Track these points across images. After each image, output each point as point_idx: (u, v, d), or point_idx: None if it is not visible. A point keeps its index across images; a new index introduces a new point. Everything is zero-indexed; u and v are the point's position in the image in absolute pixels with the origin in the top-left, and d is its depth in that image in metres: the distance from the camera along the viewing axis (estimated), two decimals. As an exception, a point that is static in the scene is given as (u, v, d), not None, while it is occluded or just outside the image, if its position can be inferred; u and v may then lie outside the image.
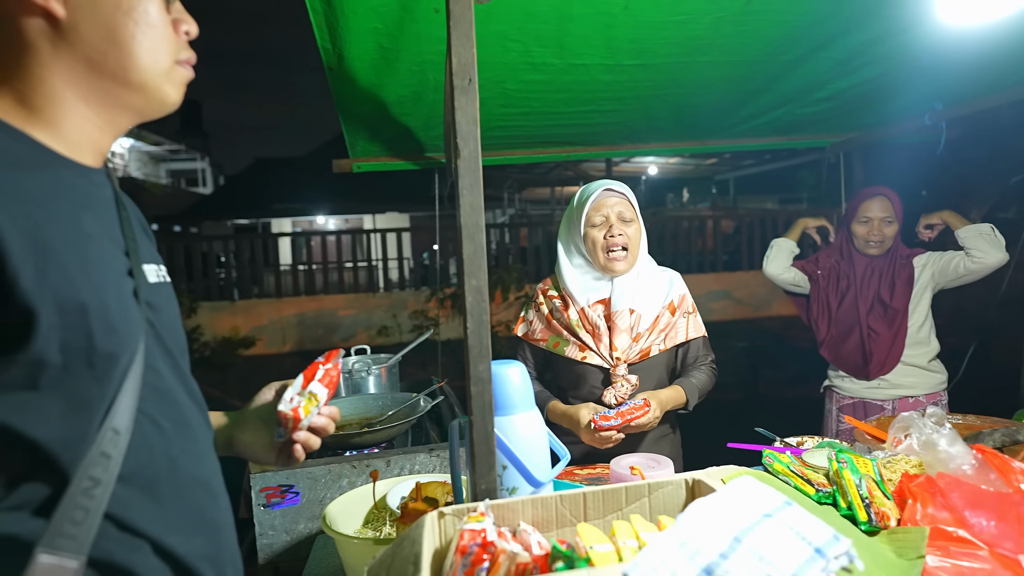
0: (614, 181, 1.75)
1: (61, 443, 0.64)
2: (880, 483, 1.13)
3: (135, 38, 0.71)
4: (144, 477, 0.70)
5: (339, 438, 1.61)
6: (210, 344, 8.19)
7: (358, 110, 2.32)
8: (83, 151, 0.73)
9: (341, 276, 9.55)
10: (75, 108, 0.71)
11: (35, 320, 0.61)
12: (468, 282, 0.87)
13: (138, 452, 0.69)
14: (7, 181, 0.62)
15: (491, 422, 0.88)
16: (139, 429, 0.70)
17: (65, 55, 0.69)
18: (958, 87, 2.56)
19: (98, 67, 0.71)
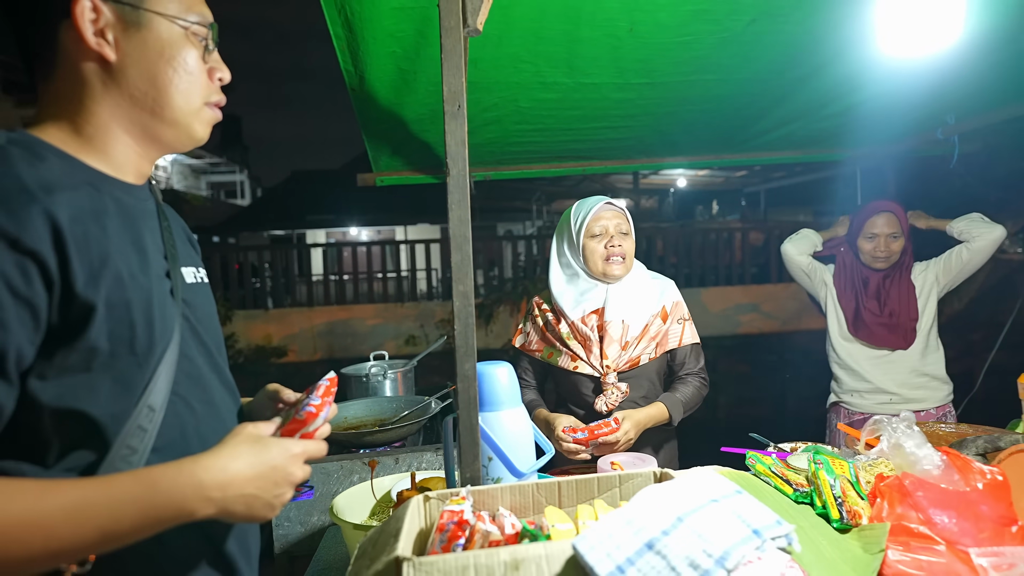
0: (611, 198, 1.83)
1: (109, 417, 0.76)
2: (856, 484, 1.18)
3: (172, 82, 0.83)
4: (176, 449, 0.81)
5: (353, 437, 1.72)
6: (244, 352, 8.45)
7: (380, 127, 2.45)
8: (127, 172, 0.85)
9: (371, 286, 9.77)
10: (119, 137, 0.83)
11: (92, 314, 0.73)
12: (456, 288, 0.96)
13: (171, 428, 0.81)
14: (70, 201, 0.74)
15: (475, 416, 0.97)
16: (173, 408, 0.82)
17: (113, 92, 0.81)
18: (969, 101, 2.57)
19: (139, 104, 0.82)
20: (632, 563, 0.68)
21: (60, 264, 0.71)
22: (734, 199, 16.20)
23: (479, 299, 9.21)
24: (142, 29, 0.81)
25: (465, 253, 0.97)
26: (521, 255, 10.72)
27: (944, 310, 7.59)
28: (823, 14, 1.85)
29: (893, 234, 2.43)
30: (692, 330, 1.79)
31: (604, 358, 1.72)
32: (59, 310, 0.72)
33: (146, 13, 0.81)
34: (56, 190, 0.73)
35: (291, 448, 0.80)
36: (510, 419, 1.04)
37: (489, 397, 1.05)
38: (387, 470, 1.64)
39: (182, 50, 0.84)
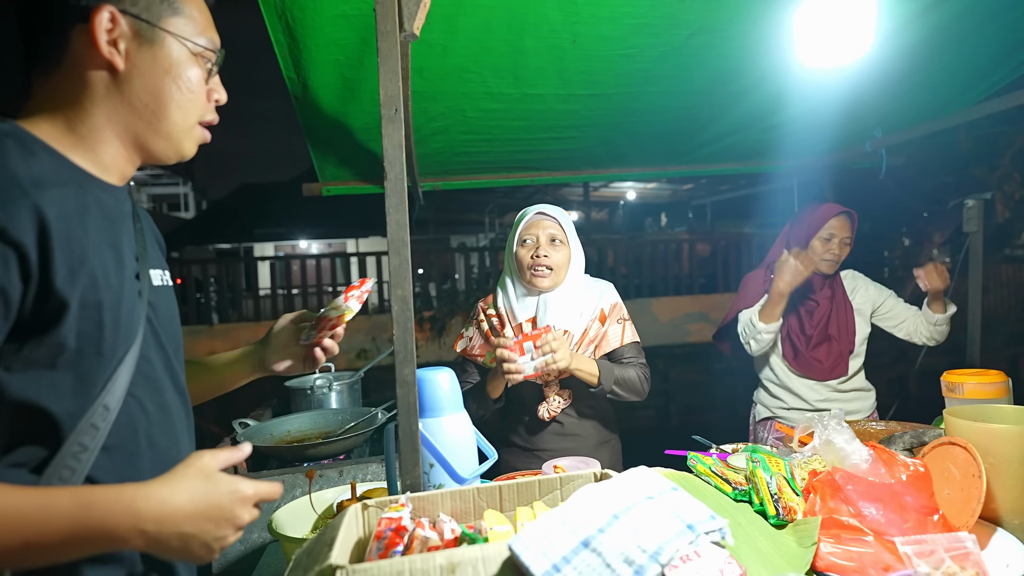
0: (550, 205, 1.82)
1: (66, 414, 0.76)
2: (791, 480, 1.21)
3: (174, 98, 0.86)
4: (126, 449, 0.82)
5: (296, 450, 1.67)
6: (187, 368, 8.13)
7: (325, 136, 2.42)
8: (111, 173, 0.87)
9: (321, 300, 9.57)
10: (110, 141, 0.86)
11: (65, 311, 0.74)
12: (394, 292, 0.95)
13: (123, 428, 0.82)
14: (57, 198, 0.76)
15: (415, 422, 0.96)
16: (127, 409, 0.82)
17: (114, 99, 0.84)
18: (894, 116, 2.72)
19: (137, 113, 0.85)
20: (568, 561, 0.68)
21: (41, 259, 0.73)
22: (682, 211, 16.62)
23: (432, 311, 9.13)
24: (154, 45, 0.84)
25: (403, 258, 0.96)
26: (474, 267, 10.71)
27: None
28: (757, 30, 1.92)
29: (846, 239, 2.35)
30: (632, 330, 1.81)
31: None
32: (34, 304, 0.73)
33: (161, 32, 0.84)
34: (46, 186, 0.75)
35: (242, 489, 0.78)
36: (452, 424, 1.03)
37: (430, 403, 1.04)
38: (331, 483, 1.60)
39: (188, 70, 0.87)
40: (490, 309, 1.86)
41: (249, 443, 0.87)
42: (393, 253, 0.96)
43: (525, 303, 1.77)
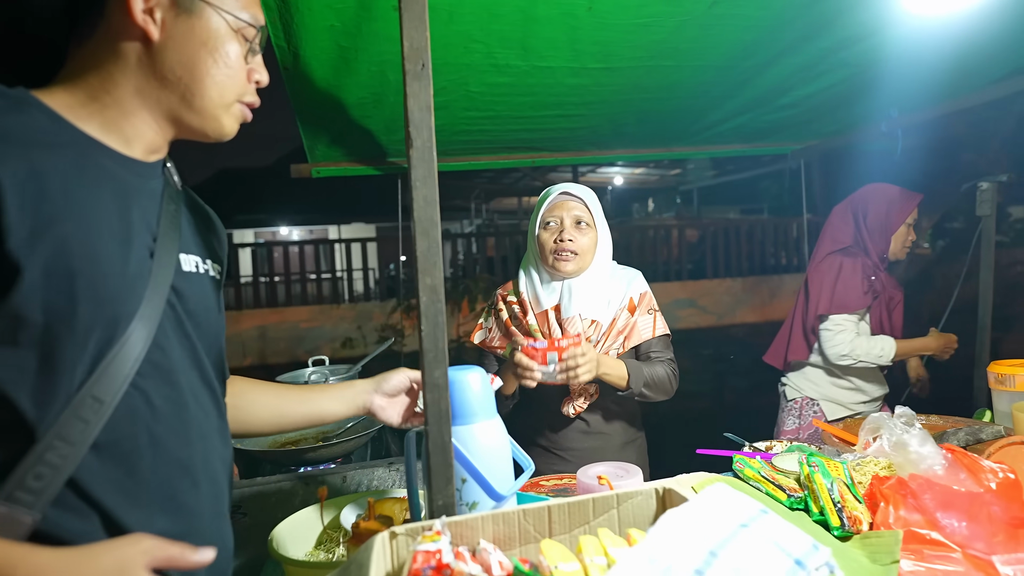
0: (576, 185, 1.69)
1: (33, 400, 0.69)
2: (851, 486, 1.10)
3: (210, 72, 0.82)
4: (121, 449, 0.74)
5: (291, 454, 1.53)
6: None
7: (316, 112, 2.25)
8: (134, 147, 0.82)
9: (304, 288, 9.35)
10: (137, 113, 0.81)
11: (19, 276, 0.67)
12: (422, 280, 0.81)
13: (120, 423, 0.74)
14: (31, 156, 0.70)
15: (448, 432, 0.82)
16: (128, 402, 0.74)
17: (145, 70, 0.80)
18: (914, 95, 2.61)
19: (170, 86, 0.81)
20: (664, 614, 0.55)
21: None
22: (669, 197, 16.58)
23: (414, 299, 8.96)
24: (192, 16, 0.80)
25: (433, 239, 0.82)
26: (460, 254, 10.54)
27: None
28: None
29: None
30: (662, 322, 1.68)
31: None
32: None
33: (200, 2, 0.80)
34: (14, 142, 0.70)
35: None
36: (486, 433, 0.90)
37: (461, 408, 0.90)
38: (333, 490, 1.46)
39: (226, 44, 0.83)
40: (510, 296, 1.73)
41: (211, 550, 0.73)
42: (420, 234, 0.81)
43: (549, 289, 1.64)
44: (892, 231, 2.33)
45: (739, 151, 3.15)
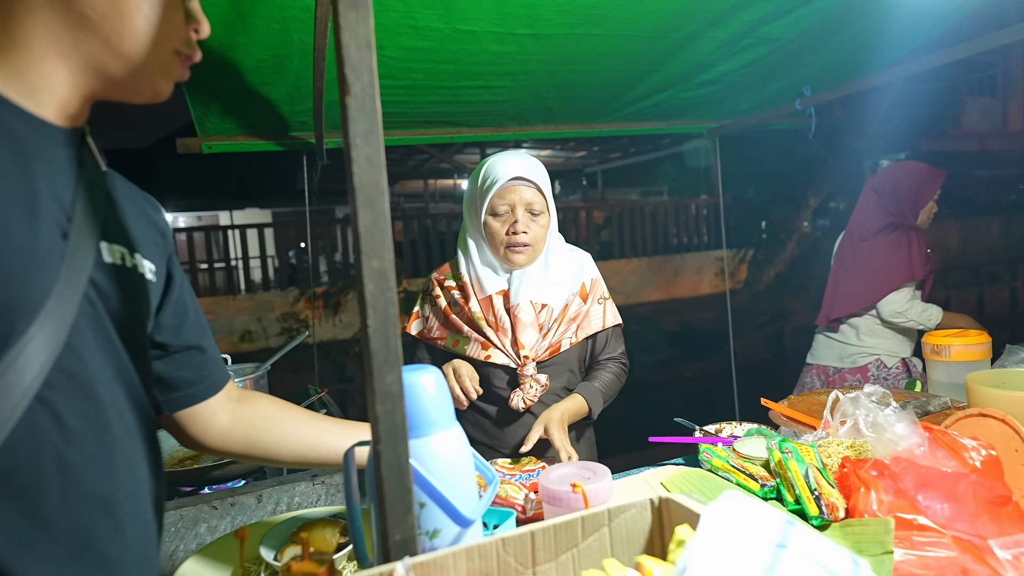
0: (527, 162, 1.49)
1: None
2: (823, 471, 1.05)
3: (141, 9, 0.66)
4: (20, 481, 0.59)
5: (193, 473, 1.30)
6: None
7: (206, 77, 1.96)
8: (44, 104, 0.67)
9: (195, 278, 8.63)
10: (47, 60, 0.65)
11: None
12: (367, 263, 0.65)
13: (18, 448, 0.59)
14: None
15: (405, 450, 0.66)
16: (31, 419, 0.59)
17: (57, 7, 0.63)
18: (825, 74, 2.68)
19: (91, 27, 0.65)
20: None
21: None
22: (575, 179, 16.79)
23: (323, 286, 8.53)
24: None
25: (379, 211, 0.65)
26: (367, 239, 10.11)
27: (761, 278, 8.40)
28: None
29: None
30: (613, 310, 1.59)
31: (520, 347, 1.45)
32: None
33: None
34: None
35: None
36: (445, 445, 0.75)
37: (416, 418, 0.75)
38: (247, 512, 1.26)
39: None
40: (448, 280, 1.57)
41: None
42: (364, 205, 0.65)
43: (495, 273, 1.50)
44: (922, 205, 2.57)
45: (658, 129, 3.12)
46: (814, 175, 8.45)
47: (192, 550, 1.21)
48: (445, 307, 1.53)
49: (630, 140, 12.06)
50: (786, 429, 1.31)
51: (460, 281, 1.52)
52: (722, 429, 1.49)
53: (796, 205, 8.68)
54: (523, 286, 1.47)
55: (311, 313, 8.14)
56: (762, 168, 8.49)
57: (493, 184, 1.44)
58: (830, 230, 9.66)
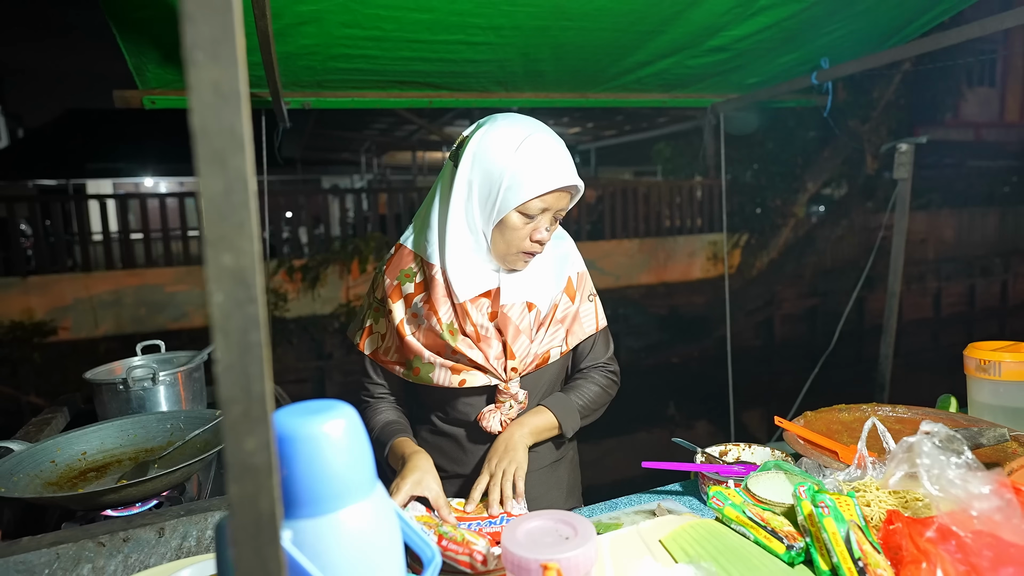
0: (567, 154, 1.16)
1: None
2: (866, 530, 0.82)
3: None
4: None
5: (84, 497, 1.06)
6: (-8, 331, 6.74)
7: (138, 15, 1.67)
8: None
9: (168, 246, 8.28)
10: None
11: None
12: (214, 258, 0.40)
13: None
14: None
15: (272, 548, 0.42)
16: None
17: None
18: (847, 44, 2.42)
19: None
20: None
21: None
22: (566, 157, 16.39)
23: (303, 259, 8.21)
24: None
25: (235, 174, 0.41)
26: (350, 211, 9.80)
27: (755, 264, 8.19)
28: None
29: None
30: (601, 310, 1.34)
31: (510, 357, 1.17)
32: None
33: None
34: None
35: None
36: (357, 521, 0.51)
37: (310, 490, 0.50)
38: (144, 550, 1.01)
39: None
40: (408, 280, 1.22)
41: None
42: (209, 163, 0.40)
43: (484, 274, 1.19)
44: None
45: (658, 101, 2.86)
46: (814, 159, 8.22)
47: (72, 596, 0.97)
48: (399, 323, 1.21)
49: (625, 118, 11.74)
50: (809, 462, 1.08)
51: (429, 274, 1.18)
52: (727, 452, 1.27)
53: (794, 190, 8.46)
54: (517, 283, 1.20)
55: (289, 287, 7.85)
56: (761, 150, 8.25)
57: (539, 182, 1.10)
58: (827, 217, 9.47)
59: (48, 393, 6.40)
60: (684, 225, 10.61)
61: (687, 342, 9.04)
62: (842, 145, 7.82)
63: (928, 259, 10.05)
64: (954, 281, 10.32)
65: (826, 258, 8.86)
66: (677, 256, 9.99)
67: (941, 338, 9.46)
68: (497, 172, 1.12)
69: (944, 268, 10.37)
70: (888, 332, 2.87)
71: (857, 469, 0.98)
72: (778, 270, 8.79)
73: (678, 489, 1.27)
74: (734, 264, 9.16)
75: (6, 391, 6.74)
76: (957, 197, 11.48)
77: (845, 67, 2.44)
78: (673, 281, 9.91)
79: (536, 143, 1.12)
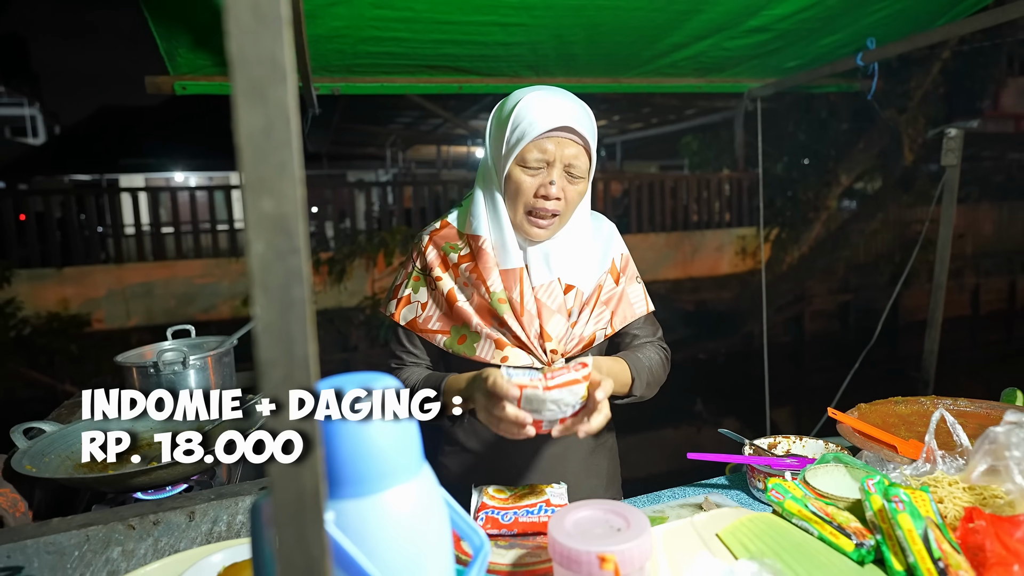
0: (576, 106, 1.12)
1: None
2: (943, 528, 0.76)
3: None
4: None
5: (113, 479, 1.04)
6: (31, 321, 6.89)
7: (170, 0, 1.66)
8: None
9: (198, 239, 8.39)
10: None
11: None
12: (253, 204, 0.36)
13: None
14: None
15: (318, 532, 0.38)
16: None
17: None
18: (894, 23, 2.32)
19: None
20: None
21: None
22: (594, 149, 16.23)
23: (329, 252, 8.26)
24: None
25: (277, 107, 0.36)
26: (375, 205, 9.83)
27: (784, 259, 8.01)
28: None
29: None
30: (645, 292, 1.29)
31: (546, 338, 1.13)
32: None
33: None
34: None
35: None
36: (402, 504, 0.47)
37: (357, 469, 0.46)
38: (174, 533, 0.99)
39: None
40: (453, 252, 1.18)
41: None
42: (248, 96, 0.36)
43: (513, 243, 1.15)
44: None
45: (693, 87, 2.77)
46: (848, 151, 8.00)
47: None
48: (450, 291, 1.17)
49: (652, 110, 11.57)
50: (870, 455, 1.01)
51: (476, 246, 1.15)
52: (776, 444, 1.21)
53: (827, 183, 8.24)
54: (549, 261, 1.15)
55: (315, 279, 7.89)
56: (793, 142, 8.05)
57: (530, 127, 1.07)
58: (861, 211, 9.22)
59: (82, 383, 6.53)
60: (712, 219, 10.44)
61: (714, 338, 8.90)
62: (877, 137, 7.59)
63: (966, 254, 9.73)
64: (993, 277, 9.99)
65: (859, 252, 8.63)
66: (704, 250, 9.83)
67: (979, 336, 9.17)
68: (499, 135, 1.13)
69: (983, 263, 10.04)
70: (933, 326, 2.76)
71: (925, 463, 0.91)
72: (809, 265, 8.59)
73: (724, 483, 1.21)
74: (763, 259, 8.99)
75: (44, 379, 6.89)
76: (996, 190, 11.11)
77: (893, 47, 2.34)
78: (700, 276, 9.76)
79: (529, 95, 1.11)
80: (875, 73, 2.41)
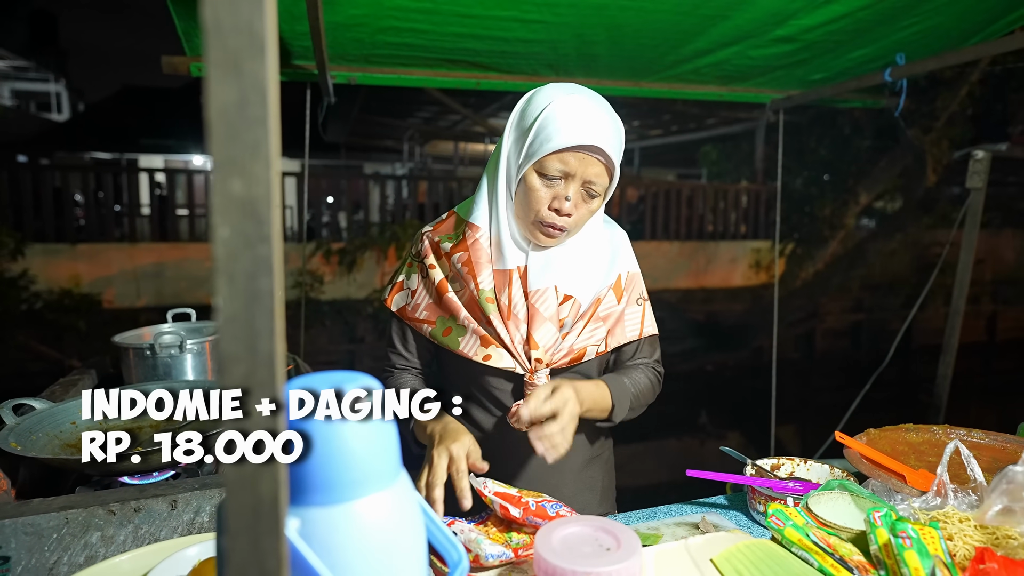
0: (609, 120, 1.05)
1: None
2: (952, 567, 0.72)
3: None
4: None
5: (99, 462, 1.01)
6: (43, 296, 6.94)
7: (188, -23, 1.64)
8: None
9: (207, 225, 8.42)
10: None
11: None
12: (221, 185, 0.33)
13: None
14: None
15: (275, 544, 0.35)
16: None
17: None
18: (925, 40, 2.26)
19: None
20: None
21: None
22: (609, 155, 16.15)
23: (341, 243, 8.27)
24: None
25: (252, 81, 0.33)
26: (390, 198, 9.84)
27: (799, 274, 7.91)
28: None
29: None
30: (651, 316, 1.24)
31: (532, 346, 1.09)
32: None
33: None
34: None
35: None
36: (375, 513, 0.44)
37: (323, 476, 0.43)
38: (155, 521, 0.97)
39: None
40: (447, 243, 1.16)
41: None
42: (221, 68, 0.33)
43: (516, 244, 1.13)
44: None
45: (715, 95, 2.73)
46: (869, 169, 7.88)
47: (80, 565, 0.93)
48: (440, 281, 1.15)
49: (672, 118, 11.49)
50: (877, 484, 0.97)
51: (472, 241, 1.12)
52: (780, 466, 1.17)
53: (845, 200, 8.14)
54: (549, 266, 1.11)
55: (326, 269, 7.91)
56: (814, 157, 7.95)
57: (556, 135, 1.01)
58: (879, 231, 9.09)
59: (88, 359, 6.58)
60: (727, 230, 10.34)
61: (723, 350, 8.82)
62: (900, 156, 7.48)
63: (984, 280, 9.58)
64: (1013, 305, 9.82)
65: (874, 272, 8.52)
66: (718, 261, 9.74)
67: (995, 364, 9.01)
68: (528, 126, 1.06)
69: (1002, 291, 9.87)
70: (948, 352, 2.70)
71: (936, 496, 0.87)
72: (823, 282, 8.48)
73: (723, 503, 1.17)
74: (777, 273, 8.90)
75: (52, 354, 6.95)
76: (1020, 217, 10.92)
77: (923, 64, 2.28)
78: (712, 287, 9.67)
79: (571, 101, 1.04)
80: (903, 90, 2.35)
